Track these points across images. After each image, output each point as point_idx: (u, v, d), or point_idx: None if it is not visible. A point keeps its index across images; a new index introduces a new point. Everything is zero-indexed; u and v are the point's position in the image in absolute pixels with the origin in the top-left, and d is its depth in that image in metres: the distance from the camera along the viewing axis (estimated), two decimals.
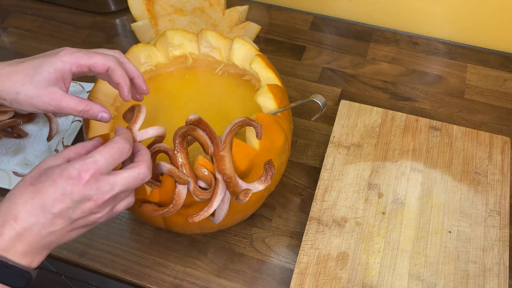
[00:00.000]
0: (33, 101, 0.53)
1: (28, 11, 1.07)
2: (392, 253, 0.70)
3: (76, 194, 0.45)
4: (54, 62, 0.53)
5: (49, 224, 0.46)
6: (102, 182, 0.46)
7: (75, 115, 0.55)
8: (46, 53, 0.55)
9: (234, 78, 0.75)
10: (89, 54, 0.54)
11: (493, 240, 0.70)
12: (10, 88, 0.53)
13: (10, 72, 0.53)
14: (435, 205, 0.74)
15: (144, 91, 0.61)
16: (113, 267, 0.73)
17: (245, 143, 0.61)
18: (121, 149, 0.49)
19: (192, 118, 0.56)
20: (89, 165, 0.46)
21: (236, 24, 0.95)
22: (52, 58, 0.53)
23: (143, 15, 0.92)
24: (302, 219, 0.76)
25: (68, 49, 0.54)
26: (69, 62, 0.53)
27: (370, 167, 0.78)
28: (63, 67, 0.53)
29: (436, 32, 1.00)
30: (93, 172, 0.46)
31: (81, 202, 0.46)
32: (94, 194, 0.46)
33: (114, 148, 0.48)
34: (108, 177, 0.47)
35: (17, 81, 0.53)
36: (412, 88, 0.92)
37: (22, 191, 0.47)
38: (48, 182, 0.46)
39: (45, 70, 0.53)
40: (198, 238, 0.75)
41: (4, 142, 0.83)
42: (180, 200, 0.57)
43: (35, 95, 0.53)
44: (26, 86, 0.52)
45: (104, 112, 0.56)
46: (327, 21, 1.04)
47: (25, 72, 0.53)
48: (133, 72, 0.59)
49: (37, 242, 0.47)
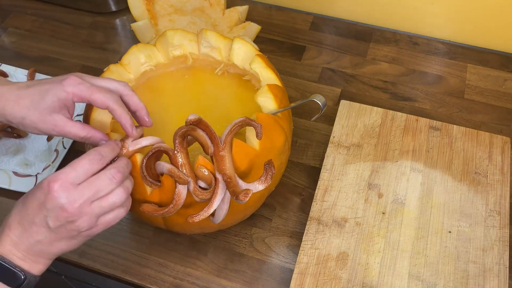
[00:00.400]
0: (38, 126, 0.56)
1: (28, 11, 1.07)
2: (392, 253, 0.70)
3: (48, 203, 0.49)
4: (58, 91, 0.55)
5: (34, 233, 0.51)
6: (71, 191, 0.50)
7: (78, 140, 0.57)
8: (53, 78, 0.57)
9: (234, 78, 0.75)
10: (91, 90, 0.55)
11: (493, 240, 0.70)
12: (17, 113, 0.55)
13: (18, 97, 0.55)
14: (435, 205, 0.74)
15: (147, 124, 0.61)
16: (113, 267, 0.73)
17: (245, 143, 0.61)
18: (91, 160, 0.52)
19: (192, 118, 0.56)
20: (58, 176, 0.50)
21: (236, 24, 0.95)
22: (57, 86, 0.55)
23: (143, 15, 0.92)
24: (302, 219, 0.76)
25: (74, 79, 0.55)
26: (71, 93, 0.55)
27: (370, 167, 0.78)
28: (66, 97, 0.55)
29: (436, 32, 1.00)
30: (61, 182, 0.49)
31: (54, 210, 0.50)
32: (64, 202, 0.49)
33: (84, 159, 0.51)
34: (77, 186, 0.50)
35: (24, 106, 0.55)
36: (412, 88, 0.92)
37: (17, 203, 0.53)
38: (30, 194, 0.52)
39: (49, 98, 0.55)
40: (198, 238, 0.75)
41: (4, 142, 0.83)
42: (180, 200, 0.57)
43: (39, 121, 0.55)
44: (31, 112, 0.55)
45: (105, 141, 0.58)
46: (327, 21, 1.04)
47: (31, 98, 0.55)
48: (137, 106, 0.59)
49: (30, 250, 0.51)
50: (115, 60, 0.75)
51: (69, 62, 0.98)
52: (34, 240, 0.51)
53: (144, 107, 0.60)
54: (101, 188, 0.51)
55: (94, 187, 0.51)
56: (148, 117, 0.60)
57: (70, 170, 0.50)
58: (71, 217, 0.50)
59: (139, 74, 0.73)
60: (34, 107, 0.55)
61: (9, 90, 0.56)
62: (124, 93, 0.58)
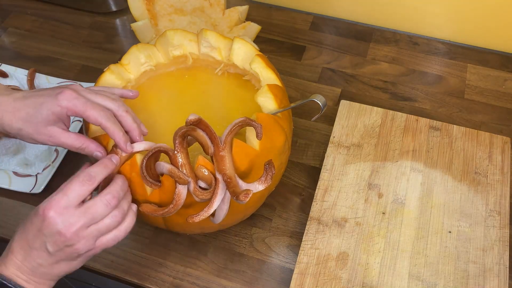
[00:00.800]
0: (34, 137, 0.57)
1: (28, 11, 1.07)
2: (392, 253, 0.70)
3: (45, 229, 0.51)
4: (52, 105, 0.55)
5: (35, 257, 0.53)
6: (66, 216, 0.51)
7: (74, 150, 0.59)
8: (49, 90, 0.58)
9: (234, 78, 0.75)
10: (86, 106, 0.56)
11: (493, 240, 0.70)
12: (14, 124, 0.57)
13: (14, 109, 0.56)
14: (435, 205, 0.74)
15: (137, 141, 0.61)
16: (113, 267, 0.73)
17: (245, 143, 0.61)
18: (81, 182, 0.53)
19: (192, 119, 0.56)
20: (51, 203, 0.51)
21: (236, 24, 0.95)
22: (51, 99, 0.56)
23: (143, 15, 0.92)
24: (302, 219, 0.76)
25: (69, 93, 0.56)
26: (66, 108, 0.55)
27: (370, 167, 0.78)
28: (61, 111, 0.56)
29: (436, 32, 1.00)
30: (55, 208, 0.51)
31: (51, 236, 0.51)
32: (61, 228, 0.51)
33: (74, 182, 0.53)
34: (73, 210, 0.52)
35: (20, 118, 0.56)
36: (412, 88, 0.92)
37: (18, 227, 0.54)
38: (28, 220, 0.53)
39: (44, 112, 0.55)
40: (198, 238, 0.75)
41: (4, 142, 0.83)
42: (180, 200, 0.57)
43: (35, 133, 0.56)
44: (27, 124, 0.56)
45: (99, 152, 0.58)
46: (327, 21, 1.04)
47: (27, 110, 0.56)
48: (130, 126, 0.59)
49: (33, 273, 0.53)
50: (115, 60, 0.75)
51: (69, 62, 0.98)
52: (36, 264, 0.53)
53: (136, 128, 0.60)
54: (97, 214, 0.53)
55: (90, 214, 0.52)
56: (141, 138, 0.60)
57: (62, 196, 0.52)
58: (69, 242, 0.52)
59: (139, 74, 0.73)
60: (30, 120, 0.56)
61: (6, 101, 0.57)
62: (118, 114, 0.59)
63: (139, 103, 0.72)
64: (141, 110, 0.72)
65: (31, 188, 0.78)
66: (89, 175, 0.53)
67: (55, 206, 0.51)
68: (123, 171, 0.60)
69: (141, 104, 0.72)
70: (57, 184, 0.80)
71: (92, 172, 0.54)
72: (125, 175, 0.60)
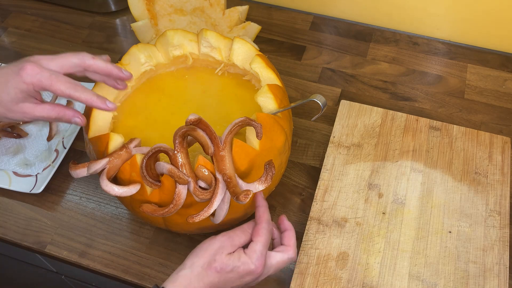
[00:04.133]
0: (9, 116, 0.56)
1: (28, 11, 1.07)
2: (392, 253, 0.70)
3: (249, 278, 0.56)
4: (17, 83, 0.54)
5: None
6: (261, 260, 0.56)
7: (52, 121, 0.57)
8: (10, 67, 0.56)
9: (234, 78, 0.75)
10: (51, 79, 0.54)
11: (493, 240, 0.70)
12: None
13: None
14: (435, 205, 0.74)
15: (125, 77, 0.60)
16: (113, 267, 0.72)
17: (245, 143, 0.61)
18: (269, 231, 0.58)
19: (192, 118, 0.56)
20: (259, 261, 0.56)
21: (236, 24, 0.95)
22: (15, 77, 0.55)
23: (143, 15, 0.92)
24: (302, 219, 0.76)
25: (31, 68, 0.54)
26: (31, 84, 0.54)
27: (370, 167, 0.78)
28: (27, 88, 0.55)
29: (436, 32, 1.00)
30: (263, 260, 0.56)
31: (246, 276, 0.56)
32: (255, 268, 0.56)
33: (265, 235, 0.57)
34: (267, 259, 0.57)
35: None
36: (412, 88, 0.92)
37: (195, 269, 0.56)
38: (231, 274, 0.55)
39: (11, 91, 0.55)
40: (198, 238, 0.75)
41: (4, 142, 0.83)
42: (180, 200, 0.57)
43: (8, 112, 0.56)
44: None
45: (77, 118, 0.58)
46: (327, 21, 1.04)
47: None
48: (105, 69, 0.58)
49: None
50: (115, 60, 0.75)
51: None
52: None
53: (112, 67, 0.58)
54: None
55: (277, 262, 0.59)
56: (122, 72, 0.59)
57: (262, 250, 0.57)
58: (254, 281, 0.57)
59: (139, 74, 0.73)
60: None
61: None
62: (86, 64, 0.57)
63: (139, 103, 0.73)
64: (141, 110, 0.72)
65: (31, 188, 0.78)
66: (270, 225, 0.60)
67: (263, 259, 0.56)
68: (123, 171, 0.60)
69: (141, 104, 0.72)
70: (57, 184, 0.81)
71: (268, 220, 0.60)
72: (125, 175, 0.60)
